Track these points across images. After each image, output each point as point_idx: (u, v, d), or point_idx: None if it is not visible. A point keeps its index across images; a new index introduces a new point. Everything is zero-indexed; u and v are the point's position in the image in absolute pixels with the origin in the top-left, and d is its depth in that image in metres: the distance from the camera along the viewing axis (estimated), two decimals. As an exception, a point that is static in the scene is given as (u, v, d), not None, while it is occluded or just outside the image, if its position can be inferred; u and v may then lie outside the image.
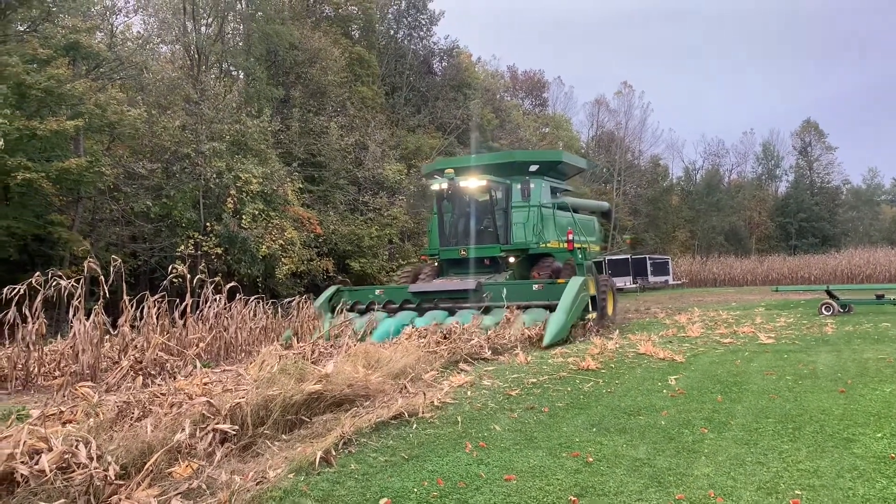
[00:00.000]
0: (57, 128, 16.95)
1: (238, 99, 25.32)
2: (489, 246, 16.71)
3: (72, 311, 10.48)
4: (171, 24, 27.22)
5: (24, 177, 16.39)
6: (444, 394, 7.99)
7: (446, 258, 17.12)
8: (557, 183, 19.33)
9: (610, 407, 7.56)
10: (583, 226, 19.38)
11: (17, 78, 16.83)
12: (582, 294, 14.01)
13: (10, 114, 16.32)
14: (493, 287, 14.66)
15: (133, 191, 21.18)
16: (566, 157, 19.19)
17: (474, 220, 17.12)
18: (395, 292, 15.58)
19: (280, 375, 7.19)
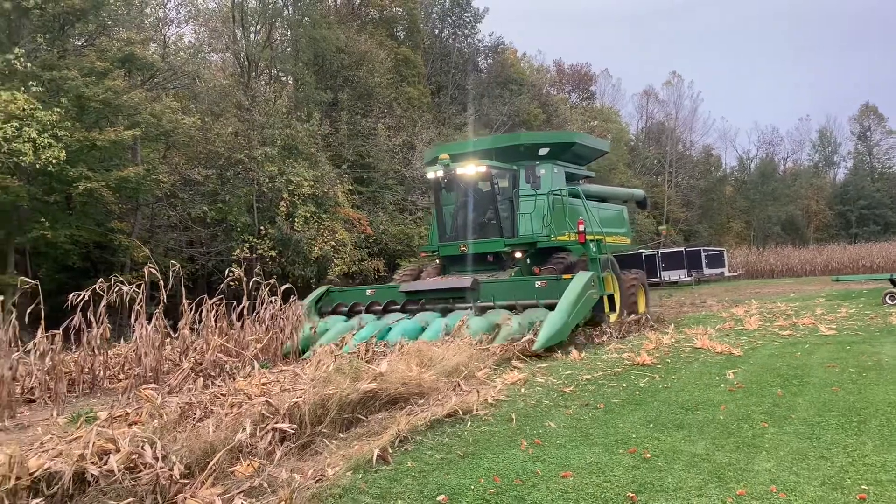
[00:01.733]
0: (115, 138, 17.44)
1: (288, 104, 25.72)
2: (492, 240, 15.09)
3: (134, 315, 10.76)
4: (222, 32, 27.79)
5: (85, 186, 16.92)
6: (498, 391, 7.99)
7: (446, 255, 15.62)
8: (574, 168, 17.68)
9: (667, 402, 7.46)
10: (607, 216, 18.00)
11: (76, 91, 17.37)
12: (589, 292, 12.39)
13: (71, 126, 16.84)
14: (490, 285, 13.24)
15: (189, 197, 21.69)
16: (581, 138, 17.38)
17: (475, 211, 15.63)
18: (387, 293, 14.18)
19: (336, 375, 7.29)
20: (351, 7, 35.88)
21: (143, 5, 23.93)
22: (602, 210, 18.02)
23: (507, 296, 12.67)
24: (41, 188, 17.39)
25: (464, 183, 15.42)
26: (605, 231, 16.75)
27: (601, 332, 13.47)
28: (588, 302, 12.36)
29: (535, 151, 16.38)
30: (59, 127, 16.03)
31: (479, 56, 43.01)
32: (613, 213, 19.00)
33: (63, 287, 17.86)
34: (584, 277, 12.31)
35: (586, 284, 12.20)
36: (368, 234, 25.38)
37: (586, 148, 17.58)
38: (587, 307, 12.40)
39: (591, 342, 12.59)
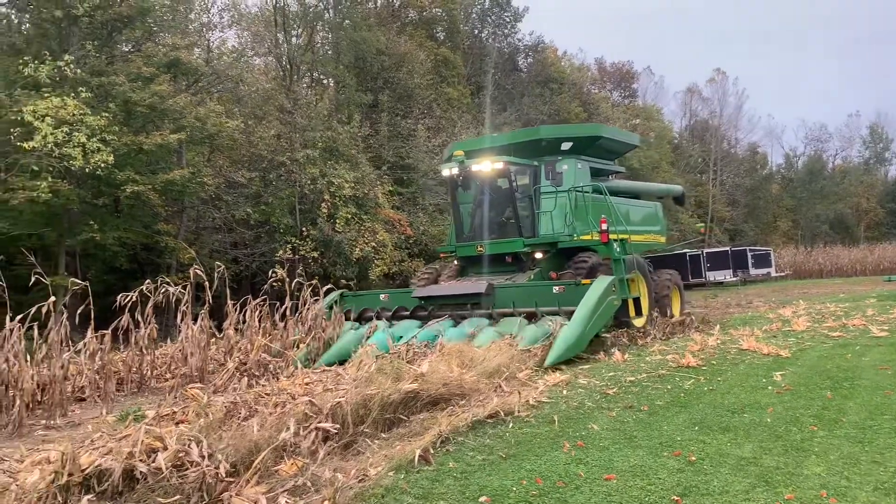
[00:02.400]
0: (161, 141, 17.82)
1: (329, 106, 25.94)
2: (510, 240, 14.53)
3: (180, 315, 10.98)
4: (264, 36, 28.17)
5: (132, 189, 17.31)
6: (540, 392, 7.96)
7: (463, 256, 15.15)
8: (602, 163, 16.94)
9: (712, 405, 7.35)
10: (638, 213, 17.34)
11: (123, 96, 17.78)
12: (609, 298, 11.55)
13: (119, 130, 17.25)
14: (505, 291, 12.60)
15: (233, 199, 22.05)
16: (607, 131, 16.70)
17: (492, 210, 15.15)
18: (401, 298, 13.60)
19: (377, 375, 7.34)
20: (391, 9, 36.08)
21: (188, 11, 24.47)
22: (633, 207, 17.37)
23: (525, 301, 11.98)
24: (90, 191, 17.82)
25: (480, 180, 14.91)
26: (635, 229, 16.31)
27: (645, 333, 13.26)
28: (608, 309, 11.54)
29: (558, 146, 15.65)
30: (107, 131, 16.42)
31: (519, 55, 42.87)
32: (646, 210, 18.20)
33: (111, 288, 18.26)
34: (603, 283, 11.46)
35: (606, 290, 11.36)
36: (409, 234, 25.50)
37: (614, 142, 16.84)
38: (607, 314, 11.61)
39: (634, 343, 12.45)
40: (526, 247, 14.37)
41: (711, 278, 36.26)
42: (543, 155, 15.54)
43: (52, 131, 15.30)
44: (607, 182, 16.88)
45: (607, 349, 11.48)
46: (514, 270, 14.46)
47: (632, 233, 15.80)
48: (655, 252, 22.33)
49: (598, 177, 16.49)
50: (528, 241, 14.42)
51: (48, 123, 15.29)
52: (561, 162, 15.42)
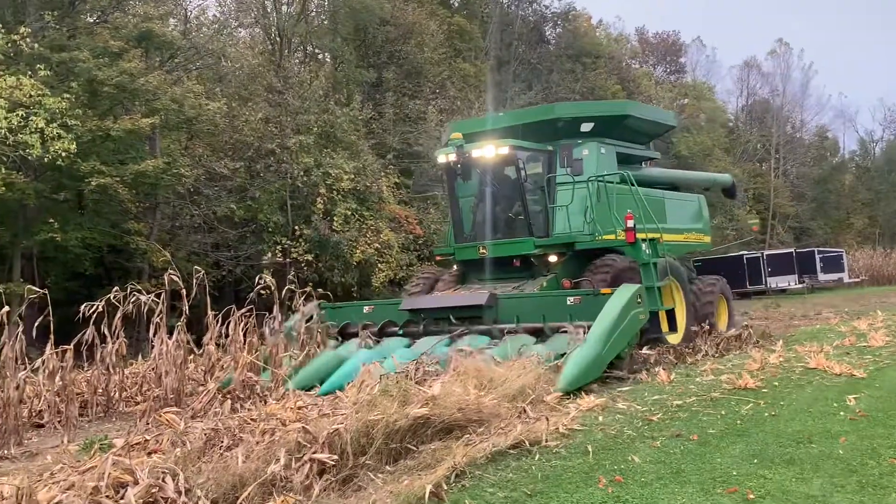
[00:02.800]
0: (131, 127, 17.89)
1: (325, 85, 26.04)
2: (518, 241, 14.21)
3: (152, 328, 11.01)
4: (250, 5, 28.31)
5: (98, 182, 17.35)
6: (571, 419, 7.95)
7: (463, 259, 14.90)
8: (631, 147, 16.60)
9: (774, 433, 7.32)
10: (676, 208, 17.06)
11: (88, 74, 17.83)
12: (635, 311, 11.13)
13: (83, 114, 17.31)
14: (511, 302, 12.30)
15: (215, 193, 22.15)
16: (636, 108, 16.43)
17: (497, 204, 14.84)
18: (387, 310, 13.32)
19: (381, 398, 7.34)
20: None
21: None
22: (670, 200, 17.12)
23: (533, 315, 11.60)
24: (49, 185, 17.89)
25: (482, 168, 14.61)
26: (672, 227, 16.15)
27: (694, 349, 13.15)
28: (632, 324, 11.09)
29: (577, 127, 15.29)
30: (69, 115, 16.47)
31: (546, 25, 42.90)
32: (685, 204, 17.91)
33: (74, 296, 18.26)
34: (627, 293, 11.12)
35: (629, 302, 10.96)
36: (418, 234, 25.52)
37: (645, 121, 16.49)
38: (631, 331, 11.09)
39: (682, 361, 12.42)
40: (537, 248, 14.07)
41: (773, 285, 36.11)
42: (559, 138, 15.19)
43: (6, 115, 15.33)
44: (637, 170, 16.64)
45: (650, 367, 11.46)
46: (523, 277, 14.14)
47: (666, 231, 15.46)
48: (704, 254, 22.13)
49: (626, 164, 16.13)
50: (541, 242, 14.15)
51: (1, 106, 15.34)
52: (581, 146, 15.14)
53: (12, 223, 17.64)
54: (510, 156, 14.24)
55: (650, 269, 12.63)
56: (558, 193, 14.79)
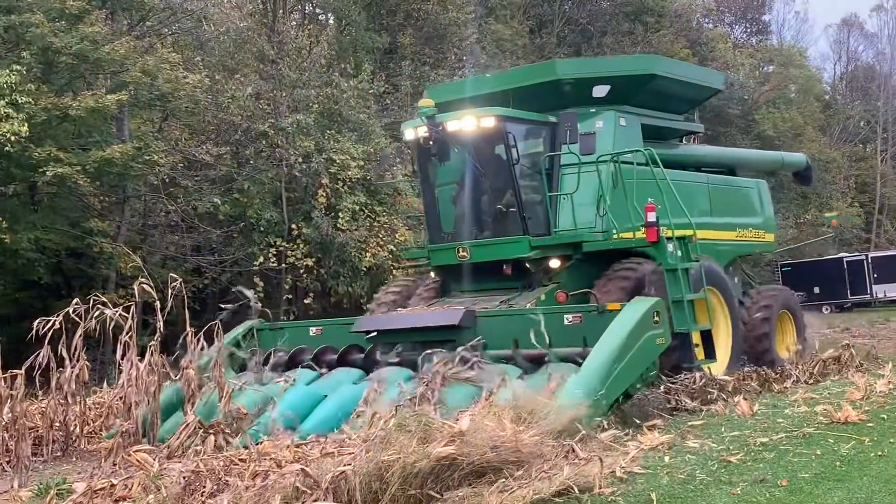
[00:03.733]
0: (94, 104, 17.91)
1: (328, 53, 26.09)
2: (509, 241, 13.45)
3: (120, 348, 10.86)
4: (236, -46, 28.43)
5: (54, 172, 17.35)
6: (631, 460, 7.92)
7: (440, 265, 14.32)
8: (661, 118, 15.86)
9: (882, 478, 7.22)
10: (724, 196, 16.41)
11: (41, 41, 17.89)
12: (650, 333, 10.35)
13: (36, 89, 17.40)
14: (493, 322, 11.54)
15: (195, 185, 22.25)
16: (665, 65, 15.61)
17: (482, 192, 14.16)
18: (338, 332, 12.70)
19: (397, 434, 7.33)
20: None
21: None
22: (716, 187, 16.41)
23: (521, 339, 10.78)
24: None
25: (461, 146, 13.86)
26: (718, 222, 15.63)
27: (783, 374, 12.94)
28: (647, 351, 10.32)
29: (587, 91, 14.68)
30: (19, 91, 16.56)
31: (598, -24, 42.76)
32: (738, 192, 17.17)
33: (26, 310, 18.66)
34: (639, 309, 10.38)
35: (642, 322, 10.23)
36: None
37: (677, 83, 15.65)
38: (644, 360, 10.33)
39: (767, 389, 12.33)
40: (534, 250, 13.27)
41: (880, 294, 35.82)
42: (565, 106, 14.29)
43: None
44: (672, 148, 16.13)
45: (728, 397, 11.37)
46: (517, 287, 13.48)
47: (711, 227, 15.07)
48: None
49: (656, 139, 15.46)
50: (539, 242, 13.36)
51: None
52: (592, 116, 14.54)
53: None
54: (497, 129, 13.36)
55: (678, 278, 12.07)
56: (563, 178, 14.06)
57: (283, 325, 14.00)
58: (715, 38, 48.12)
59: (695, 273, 12.66)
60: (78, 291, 19.88)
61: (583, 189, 13.51)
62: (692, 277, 12.50)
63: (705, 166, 17.15)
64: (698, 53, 43.08)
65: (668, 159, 14.61)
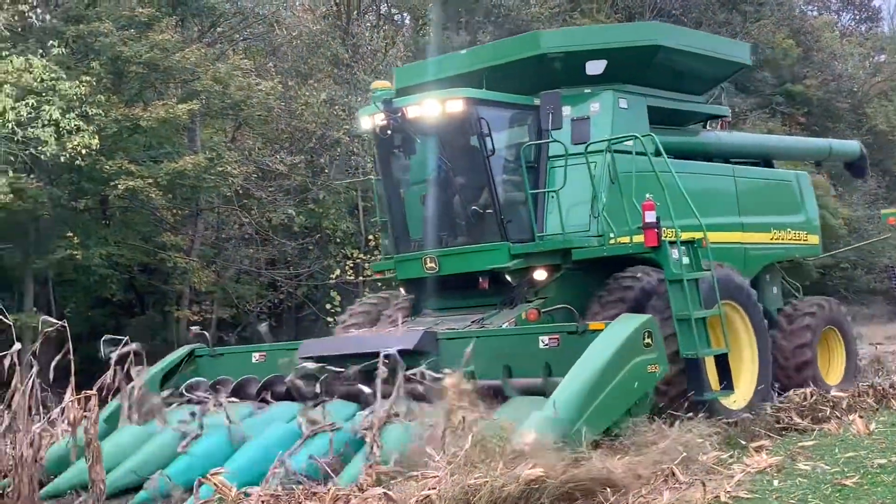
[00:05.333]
0: (165, 115, 18.26)
1: (404, 54, 26.16)
2: (484, 248, 12.11)
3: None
4: (308, -46, 28.77)
5: (126, 185, 17.70)
6: (736, 484, 7.75)
7: (406, 279, 13.14)
8: (677, 100, 14.38)
9: None
10: (753, 191, 14.75)
11: (111, 51, 18.28)
12: (638, 360, 9.36)
13: (106, 100, 17.80)
14: (455, 344, 10.33)
15: (269, 196, 22.56)
16: (672, 34, 13.96)
17: (451, 191, 12.77)
18: (283, 357, 11.42)
19: (477, 452, 7.30)
20: None
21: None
22: (744, 180, 14.77)
23: (488, 365, 9.76)
24: (67, 190, 18.43)
25: (424, 135, 12.54)
26: (749, 222, 14.07)
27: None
28: (635, 381, 9.37)
29: (579, 68, 13.16)
30: (89, 103, 16.86)
31: (692, -37, 42.38)
32: (771, 186, 15.55)
33: (99, 328, 18.98)
34: (624, 329, 9.43)
35: (628, 345, 9.26)
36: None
37: (691, 56, 13.95)
38: (631, 392, 9.38)
39: (885, 405, 12.03)
40: (515, 259, 11.85)
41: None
42: (554, 86, 12.60)
43: (13, 105, 15.72)
44: (691, 136, 14.80)
45: (841, 414, 11.11)
46: (495, 304, 12.19)
47: (731, 228, 13.80)
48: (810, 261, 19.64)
49: (669, 124, 14.11)
50: (520, 249, 11.90)
51: (7, 94, 15.76)
52: (587, 98, 13.07)
53: (23, 240, 18.15)
54: (466, 115, 11.86)
55: (684, 290, 10.74)
56: (551, 172, 12.59)
57: (223, 351, 12.72)
58: (820, 27, 47.24)
59: (706, 284, 11.18)
60: (151, 308, 21.00)
61: (575, 185, 11.96)
62: (703, 289, 11.07)
63: (735, 156, 15.46)
64: (802, 43, 42.41)
65: (685, 148, 13.88)
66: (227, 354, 12.50)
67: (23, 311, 17.70)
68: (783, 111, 39.60)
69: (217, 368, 12.02)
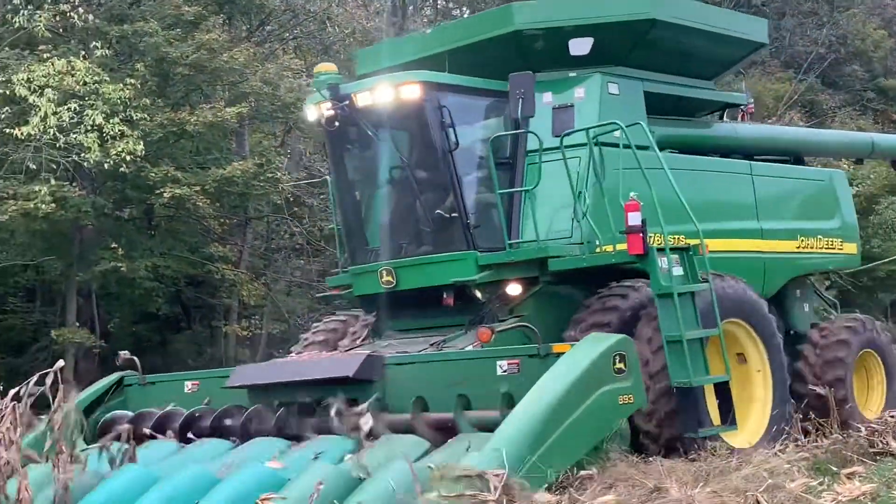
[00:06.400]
0: (213, 119, 18.36)
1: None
2: (447, 259, 11.12)
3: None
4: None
5: (172, 193, 17.71)
6: (828, 514, 7.70)
7: (363, 294, 12.14)
8: (682, 85, 13.18)
9: None
10: (775, 193, 13.46)
11: (156, 52, 18.44)
12: (606, 389, 8.48)
13: (151, 104, 17.92)
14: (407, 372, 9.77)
15: (321, 203, 22.49)
16: (669, 7, 12.28)
17: (409, 193, 11.76)
18: (214, 386, 10.86)
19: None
20: None
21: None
22: (763, 179, 13.52)
23: (443, 394, 9.07)
24: (111, 199, 18.61)
25: (376, 126, 11.59)
26: (769, 228, 12.88)
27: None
28: (602, 414, 8.52)
29: (561, 48, 12.07)
30: (133, 107, 17.03)
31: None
32: (797, 185, 14.29)
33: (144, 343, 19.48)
34: (591, 352, 8.60)
35: (593, 371, 8.42)
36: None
37: (694, 33, 12.67)
38: (597, 428, 8.52)
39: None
40: (484, 271, 10.87)
41: None
42: (531, 69, 11.39)
43: (55, 110, 15.91)
44: (699, 127, 13.75)
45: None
46: (461, 323, 11.14)
47: (747, 234, 12.68)
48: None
49: (673, 114, 13.12)
50: (489, 259, 10.92)
51: (49, 98, 15.93)
52: (571, 83, 12.05)
53: (65, 251, 18.31)
54: (424, 101, 10.88)
55: (673, 306, 9.68)
56: (526, 170, 11.55)
57: (153, 379, 11.72)
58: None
59: (704, 299, 10.11)
60: (198, 323, 21.24)
61: (555, 185, 10.87)
62: (700, 306, 10.05)
63: (759, 152, 14.29)
64: (895, 35, 41.81)
65: (694, 142, 12.94)
66: (157, 383, 11.58)
67: (65, 325, 17.92)
68: (875, 107, 38.91)
69: (147, 398, 11.20)
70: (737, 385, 10.46)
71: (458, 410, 8.57)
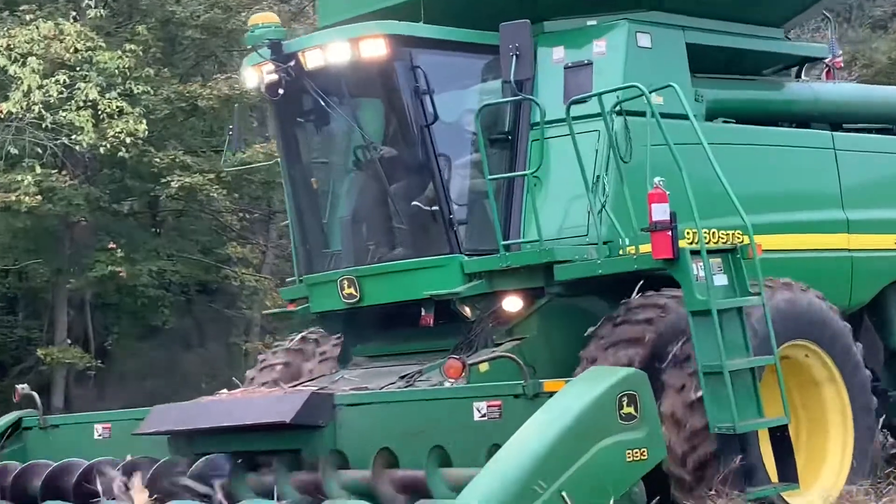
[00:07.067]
0: (230, 92, 17.36)
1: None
2: (425, 264, 9.88)
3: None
4: None
5: (181, 182, 16.95)
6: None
7: (322, 310, 11.01)
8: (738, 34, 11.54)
9: None
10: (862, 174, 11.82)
11: (161, 12, 17.65)
12: (614, 442, 7.14)
13: (155, 75, 17.00)
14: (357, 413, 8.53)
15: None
16: None
17: (371, 178, 10.44)
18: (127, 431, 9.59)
19: None
20: None
21: None
22: (852, 156, 12.02)
23: (415, 444, 7.83)
24: (108, 190, 17.70)
25: (332, 94, 10.22)
26: (850, 218, 11.25)
27: None
28: (605, 473, 7.10)
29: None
30: (134, 78, 16.19)
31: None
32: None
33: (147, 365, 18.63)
34: (589, 391, 7.20)
35: (588, 418, 7.11)
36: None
37: None
38: (598, 490, 7.10)
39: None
40: (473, 280, 9.66)
41: None
42: (539, 18, 10.34)
43: (40, 83, 15.11)
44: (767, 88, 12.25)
45: None
46: (447, 347, 9.89)
47: (828, 227, 11.10)
48: None
49: (727, 72, 11.58)
50: (480, 266, 9.65)
51: (33, 69, 15.10)
52: (588, 35, 10.51)
53: (53, 253, 17.52)
54: (392, 60, 9.65)
55: (712, 327, 8.28)
56: (529, 148, 10.24)
57: (56, 422, 10.76)
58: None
59: (756, 316, 8.65)
60: (213, 339, 20.47)
61: (568, 167, 9.45)
62: (750, 326, 8.59)
63: (849, 120, 12.67)
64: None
65: (757, 107, 11.40)
66: (62, 426, 10.49)
67: (53, 343, 17.08)
68: None
69: (50, 444, 10.15)
70: (803, 430, 9.47)
71: (430, 467, 7.21)
